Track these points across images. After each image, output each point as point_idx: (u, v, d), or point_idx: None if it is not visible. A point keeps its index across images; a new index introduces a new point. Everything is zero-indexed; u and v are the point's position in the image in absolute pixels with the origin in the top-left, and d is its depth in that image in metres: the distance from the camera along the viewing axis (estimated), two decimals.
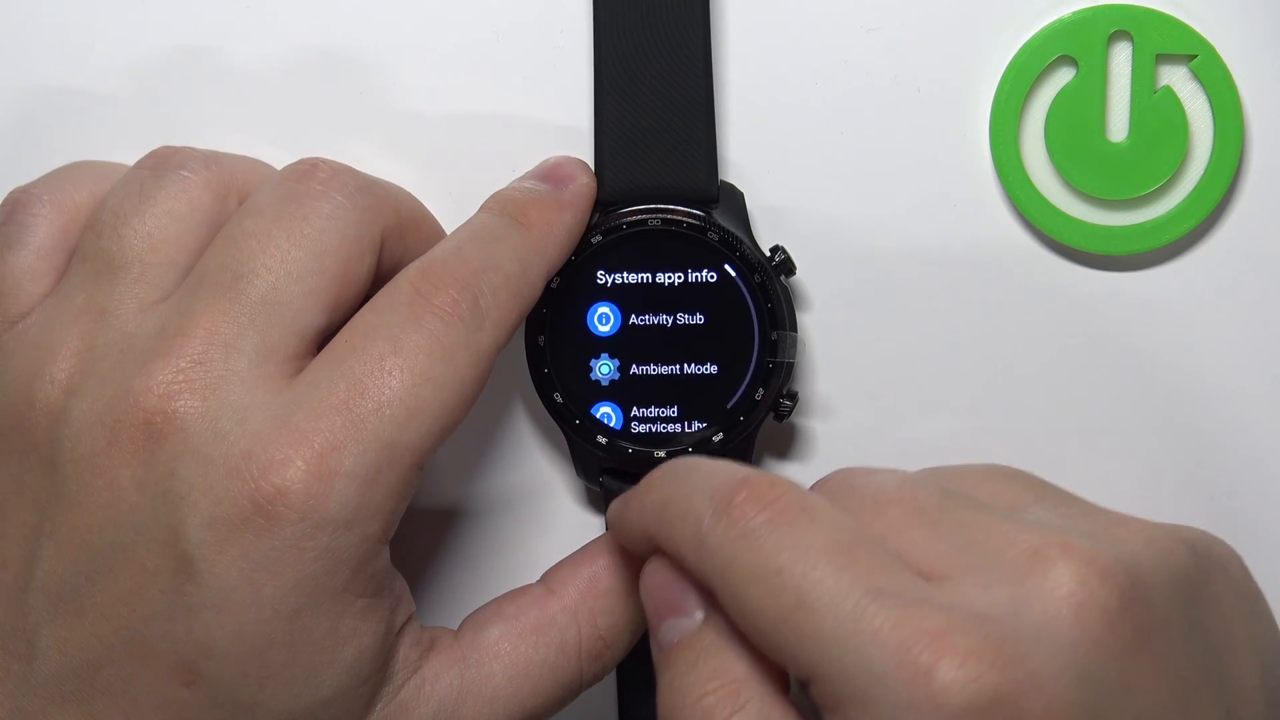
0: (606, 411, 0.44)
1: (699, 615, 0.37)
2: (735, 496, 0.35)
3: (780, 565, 0.34)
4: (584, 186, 0.43)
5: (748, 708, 0.35)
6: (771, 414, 0.44)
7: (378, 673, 0.39)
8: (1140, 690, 0.34)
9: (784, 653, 0.34)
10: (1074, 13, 0.44)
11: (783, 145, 0.45)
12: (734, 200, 0.44)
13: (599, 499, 0.46)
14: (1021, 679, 0.33)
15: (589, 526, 0.46)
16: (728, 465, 0.36)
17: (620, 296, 0.43)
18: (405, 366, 0.38)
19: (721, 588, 0.35)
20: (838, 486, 0.37)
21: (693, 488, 0.36)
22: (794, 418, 0.46)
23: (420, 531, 0.46)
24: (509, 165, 0.44)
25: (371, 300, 0.39)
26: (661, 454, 0.44)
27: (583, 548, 0.43)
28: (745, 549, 0.35)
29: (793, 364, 0.43)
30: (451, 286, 0.39)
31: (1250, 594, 0.38)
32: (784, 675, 0.36)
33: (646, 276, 0.43)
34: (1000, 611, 0.34)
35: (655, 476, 0.38)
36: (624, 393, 0.44)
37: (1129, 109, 0.44)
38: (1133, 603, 0.34)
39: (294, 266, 0.39)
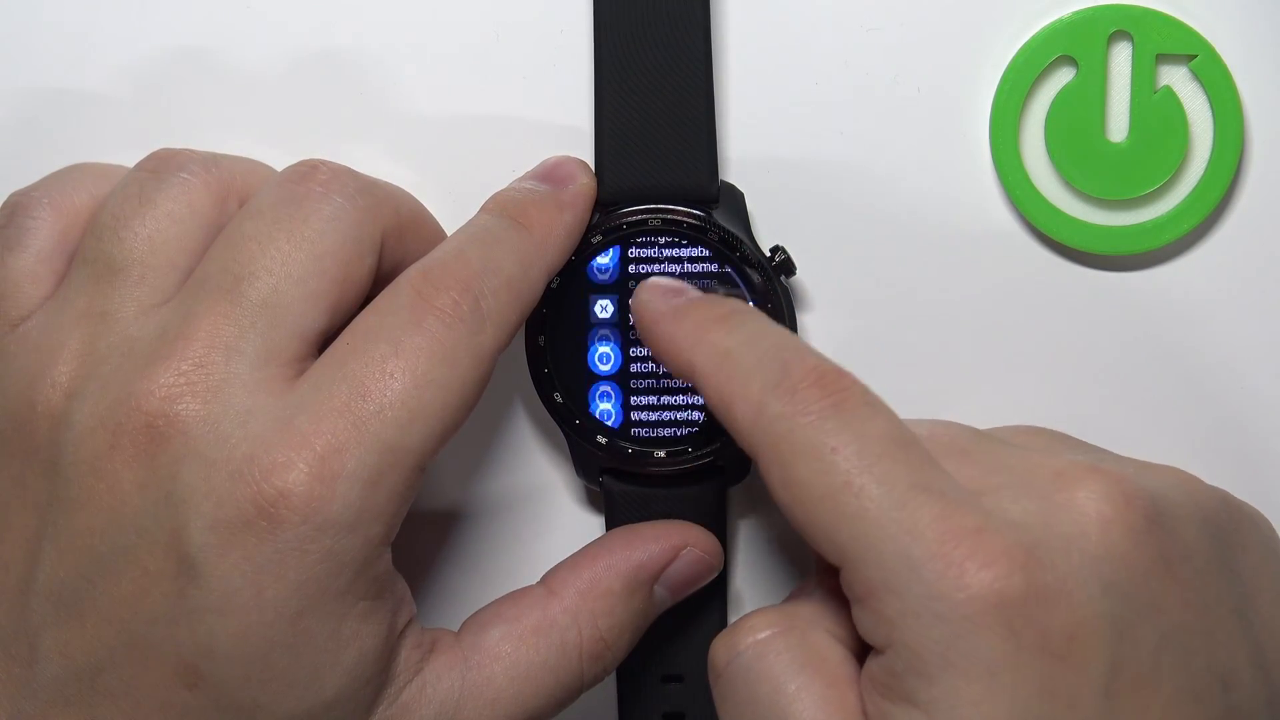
0: (606, 410, 0.44)
1: None
2: (804, 379, 0.36)
3: (836, 445, 0.35)
4: (584, 186, 0.43)
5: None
6: None
7: (379, 675, 0.39)
8: (1166, 611, 0.36)
9: (821, 531, 0.35)
10: (1074, 13, 0.44)
11: (783, 145, 0.45)
12: (734, 200, 0.44)
13: (599, 499, 0.46)
14: (1049, 583, 0.34)
15: (589, 527, 0.46)
16: (800, 345, 0.38)
17: (621, 296, 0.43)
18: (407, 369, 0.38)
19: (769, 458, 0.36)
20: None
21: (762, 353, 0.37)
22: None
23: (421, 533, 0.46)
24: (509, 165, 0.44)
25: (373, 302, 0.39)
26: (661, 453, 0.44)
27: (583, 549, 0.43)
28: (803, 425, 0.36)
29: None
30: (453, 288, 0.39)
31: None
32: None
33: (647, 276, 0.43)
34: (1031, 521, 0.35)
35: (723, 312, 0.39)
36: (624, 393, 0.44)
37: (1129, 109, 0.44)
38: (1157, 526, 0.36)
39: (295, 269, 0.39)
